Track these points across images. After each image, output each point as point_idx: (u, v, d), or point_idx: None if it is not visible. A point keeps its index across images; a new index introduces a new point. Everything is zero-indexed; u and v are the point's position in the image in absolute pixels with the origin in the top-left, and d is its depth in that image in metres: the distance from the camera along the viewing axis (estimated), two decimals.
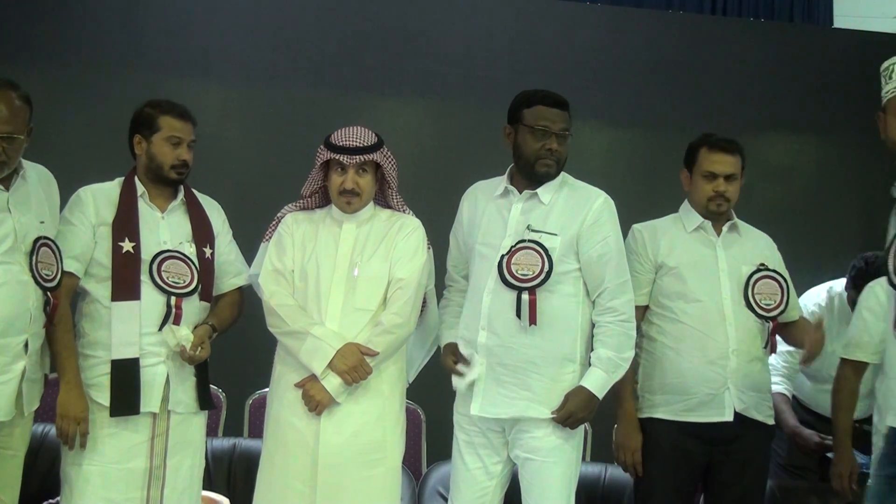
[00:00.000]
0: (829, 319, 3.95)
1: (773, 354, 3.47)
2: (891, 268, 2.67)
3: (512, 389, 3.12)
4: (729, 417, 3.26)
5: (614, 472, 3.96)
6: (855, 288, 3.81)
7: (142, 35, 5.73)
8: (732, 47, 5.98)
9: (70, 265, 3.10)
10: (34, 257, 2.97)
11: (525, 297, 3.10)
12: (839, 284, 4.07)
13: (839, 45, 6.34)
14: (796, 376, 4.09)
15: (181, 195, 3.29)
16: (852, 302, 3.78)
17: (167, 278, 3.14)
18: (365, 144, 3.18)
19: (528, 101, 3.23)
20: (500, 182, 3.28)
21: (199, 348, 3.12)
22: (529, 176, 3.22)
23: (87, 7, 5.75)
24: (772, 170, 5.75)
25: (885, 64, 2.76)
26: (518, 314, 3.10)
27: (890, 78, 2.72)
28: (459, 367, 3.21)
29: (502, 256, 3.14)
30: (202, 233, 3.28)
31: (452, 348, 3.28)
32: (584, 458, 4.14)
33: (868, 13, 6.74)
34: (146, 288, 3.12)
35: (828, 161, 5.92)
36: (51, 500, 3.68)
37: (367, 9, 5.96)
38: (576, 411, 3.10)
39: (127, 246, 3.14)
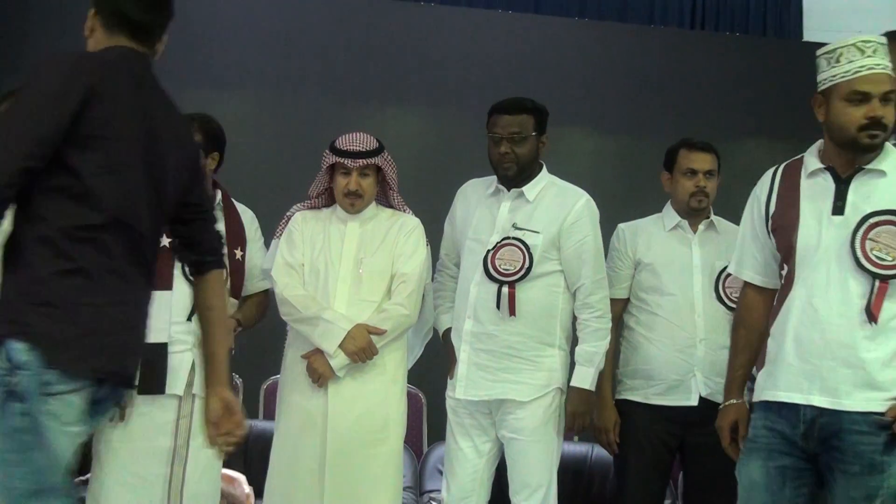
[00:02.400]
0: None
1: None
2: None
3: (493, 373, 3.14)
4: (694, 402, 3.24)
5: (600, 452, 3.99)
6: None
7: (164, 48, 5.76)
8: (710, 59, 6.01)
9: None
10: None
11: (504, 290, 3.11)
12: None
13: (808, 57, 6.34)
14: None
15: (218, 199, 3.29)
16: None
17: None
18: (367, 149, 3.21)
19: (490, 111, 3.26)
20: (492, 181, 3.30)
21: None
22: (501, 179, 3.25)
23: None
24: (748, 173, 5.74)
25: (830, 47, 2.55)
26: (498, 305, 3.11)
27: (837, 62, 2.50)
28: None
29: (488, 252, 3.16)
30: (235, 236, 3.28)
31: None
32: (572, 439, 4.19)
33: (834, 27, 6.75)
34: (178, 281, 3.13)
35: None
36: (80, 478, 3.70)
37: (372, 23, 5.98)
38: (577, 410, 3.16)
39: (163, 242, 3.16)
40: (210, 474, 3.20)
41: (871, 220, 2.46)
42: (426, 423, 4.60)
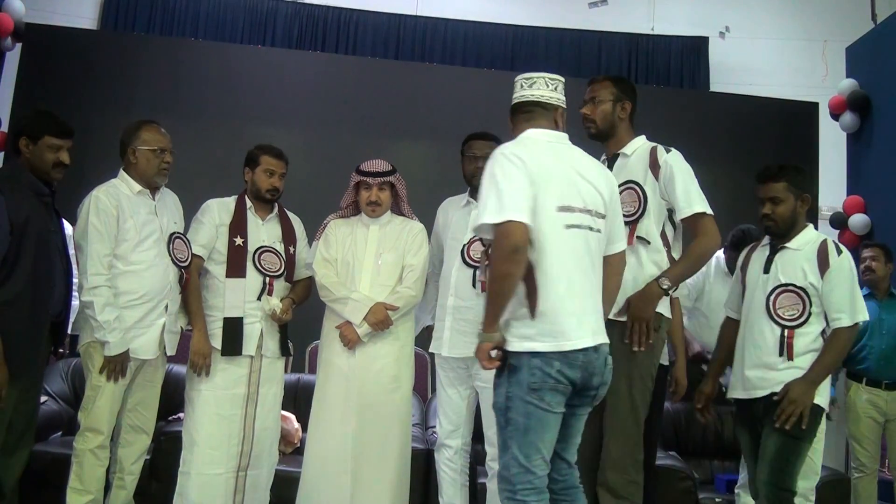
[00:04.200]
0: (710, 276, 3.88)
1: None
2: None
3: (469, 337, 3.05)
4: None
5: None
6: (733, 249, 3.71)
7: (234, 97, 5.79)
8: (640, 104, 6.00)
9: (199, 250, 3.15)
10: (171, 246, 3.03)
11: (477, 273, 3.10)
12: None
13: (713, 103, 6.39)
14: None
15: (276, 210, 3.31)
16: (731, 260, 3.70)
17: (264, 265, 3.17)
18: (383, 170, 3.21)
19: (467, 139, 3.27)
20: (464, 196, 3.29)
21: (286, 313, 3.16)
22: (474, 189, 3.21)
23: (197, 78, 5.81)
24: None
25: (527, 75, 2.48)
26: (473, 285, 3.10)
27: (520, 88, 2.48)
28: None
29: (464, 245, 3.14)
30: (288, 237, 3.29)
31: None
32: None
33: (733, 80, 6.80)
34: (250, 271, 3.15)
35: (714, 184, 5.99)
36: (174, 416, 3.72)
37: (389, 79, 6.02)
38: None
39: (238, 241, 3.16)
40: (273, 413, 3.23)
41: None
42: (430, 377, 4.56)
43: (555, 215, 2.24)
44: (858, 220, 5.62)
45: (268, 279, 3.15)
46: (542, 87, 2.45)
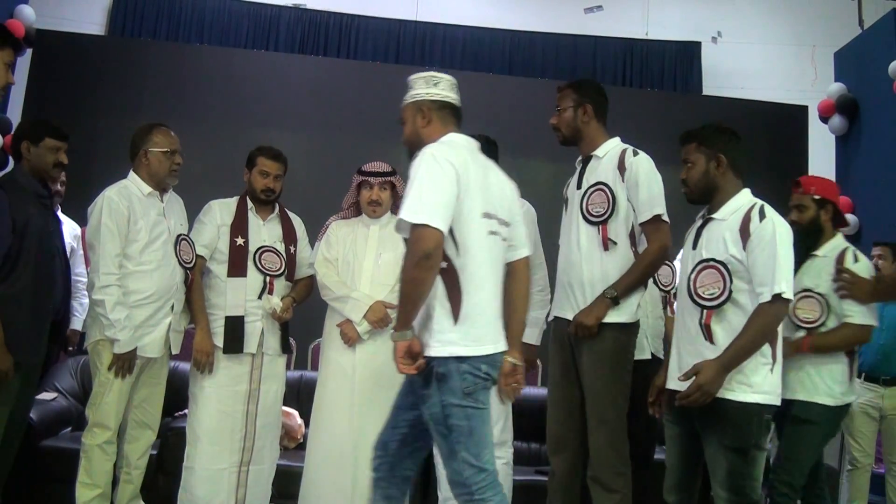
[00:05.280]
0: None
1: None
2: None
3: None
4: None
5: None
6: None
7: (237, 100, 5.78)
8: (636, 107, 5.99)
9: (201, 251, 3.14)
10: (178, 247, 3.03)
11: None
12: None
13: (706, 107, 6.37)
14: None
15: (277, 211, 3.30)
16: None
17: (265, 264, 3.16)
18: (384, 171, 3.21)
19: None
20: None
21: (286, 312, 3.16)
22: None
23: (202, 82, 5.80)
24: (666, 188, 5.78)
25: (430, 74, 2.38)
26: None
27: (435, 85, 2.36)
28: None
29: None
30: (289, 236, 3.28)
31: None
32: (537, 384, 4.19)
33: (725, 84, 6.79)
34: (251, 270, 3.14)
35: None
36: (180, 412, 3.70)
37: (389, 83, 5.95)
38: (528, 359, 2.98)
39: (240, 241, 3.15)
40: (274, 409, 3.22)
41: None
42: None
43: (480, 221, 2.18)
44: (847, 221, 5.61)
45: (268, 278, 3.14)
46: (447, 88, 2.36)
